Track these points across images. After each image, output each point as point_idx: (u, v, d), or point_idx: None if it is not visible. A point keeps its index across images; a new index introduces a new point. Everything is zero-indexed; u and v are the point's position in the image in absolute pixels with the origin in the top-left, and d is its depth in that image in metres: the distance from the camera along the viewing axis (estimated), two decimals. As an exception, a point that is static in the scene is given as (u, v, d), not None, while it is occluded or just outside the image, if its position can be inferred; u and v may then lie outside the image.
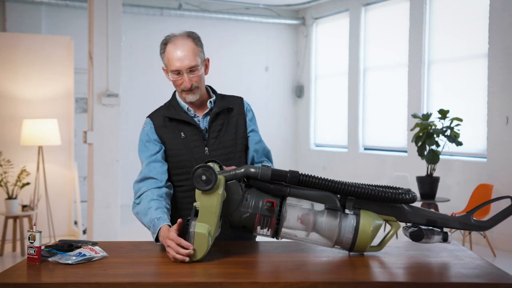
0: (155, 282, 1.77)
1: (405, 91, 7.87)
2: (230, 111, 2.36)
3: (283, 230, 2.01)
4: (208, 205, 1.94)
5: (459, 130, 6.03)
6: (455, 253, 2.09)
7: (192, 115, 2.32)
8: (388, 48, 8.36)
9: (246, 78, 9.90)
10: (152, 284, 1.75)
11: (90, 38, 5.62)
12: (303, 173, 2.00)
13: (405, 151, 7.84)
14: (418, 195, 6.06)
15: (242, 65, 9.84)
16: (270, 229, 2.00)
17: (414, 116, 6.33)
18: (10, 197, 5.89)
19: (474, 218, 2.03)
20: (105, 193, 5.65)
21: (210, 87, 2.43)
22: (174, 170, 2.27)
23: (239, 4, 9.54)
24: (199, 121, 2.32)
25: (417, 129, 6.16)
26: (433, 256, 2.07)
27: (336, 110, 9.42)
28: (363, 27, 8.78)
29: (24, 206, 5.94)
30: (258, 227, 2.00)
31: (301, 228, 2.01)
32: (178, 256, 1.91)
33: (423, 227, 2.03)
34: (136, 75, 8.88)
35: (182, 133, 2.29)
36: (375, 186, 2.04)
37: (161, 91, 2.31)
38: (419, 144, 6.08)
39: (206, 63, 2.34)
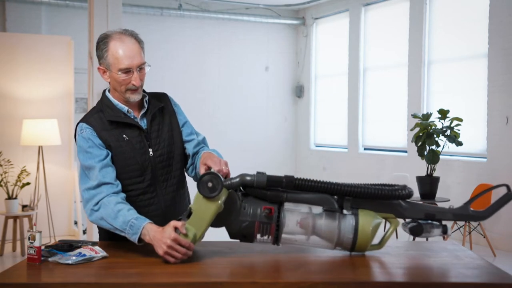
0: (155, 282, 1.76)
1: (405, 91, 7.86)
2: (162, 109, 2.33)
3: (283, 236, 2.00)
4: (203, 211, 1.94)
5: (459, 130, 6.03)
6: (455, 253, 2.09)
7: (132, 117, 2.26)
8: (388, 48, 8.36)
9: (246, 78, 9.89)
10: (152, 284, 1.75)
11: (90, 38, 5.61)
12: (299, 177, 1.99)
13: (405, 151, 7.84)
14: (418, 195, 6.07)
15: (242, 65, 9.84)
16: (270, 236, 2.00)
17: (414, 116, 6.33)
18: (10, 197, 5.89)
19: (471, 209, 2.04)
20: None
21: None
22: (122, 175, 2.19)
23: (239, 4, 9.54)
24: (138, 122, 2.27)
25: (417, 129, 6.15)
26: (433, 256, 2.07)
27: (336, 110, 9.42)
28: (363, 27, 8.78)
29: (24, 206, 5.94)
30: (258, 235, 2.00)
31: (301, 233, 2.01)
32: (180, 256, 1.91)
33: (422, 221, 2.03)
34: (136, 75, 8.87)
35: (124, 136, 2.21)
36: (371, 184, 2.04)
37: (160, 91, 2.32)
38: (419, 144, 6.08)
39: None
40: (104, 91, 2.31)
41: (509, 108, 6.32)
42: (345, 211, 2.01)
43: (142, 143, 2.23)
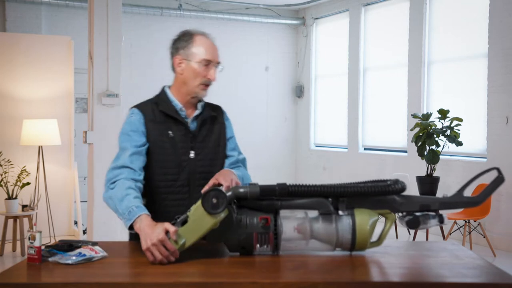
0: (155, 282, 1.76)
1: (405, 91, 7.87)
2: (214, 119, 2.36)
3: (283, 243, 2.00)
4: (198, 223, 1.94)
5: (459, 130, 6.03)
6: (455, 253, 2.09)
7: (183, 116, 2.29)
8: (388, 48, 8.36)
9: (246, 78, 9.90)
10: (152, 284, 1.75)
11: (90, 38, 5.61)
12: (291, 184, 1.99)
13: (405, 151, 7.84)
14: (418, 195, 6.07)
15: (242, 65, 9.84)
16: (269, 245, 2.00)
17: (414, 116, 6.33)
18: (10, 197, 5.89)
19: (465, 196, 2.05)
20: (105, 193, 5.64)
21: None
22: (157, 169, 2.22)
23: (239, 4, 9.54)
24: (188, 123, 2.29)
25: (417, 129, 6.16)
26: (433, 256, 2.07)
27: (336, 110, 9.42)
28: (363, 27, 8.78)
29: (24, 206, 5.94)
30: (258, 246, 2.00)
31: (299, 238, 2.01)
32: (160, 258, 1.88)
33: (418, 213, 2.03)
34: (136, 75, 8.89)
35: (170, 132, 2.25)
36: (363, 182, 2.05)
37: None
38: (419, 144, 6.09)
39: None
40: (164, 87, 2.36)
41: (509, 108, 6.32)
42: (340, 212, 2.01)
43: (185, 143, 2.26)
